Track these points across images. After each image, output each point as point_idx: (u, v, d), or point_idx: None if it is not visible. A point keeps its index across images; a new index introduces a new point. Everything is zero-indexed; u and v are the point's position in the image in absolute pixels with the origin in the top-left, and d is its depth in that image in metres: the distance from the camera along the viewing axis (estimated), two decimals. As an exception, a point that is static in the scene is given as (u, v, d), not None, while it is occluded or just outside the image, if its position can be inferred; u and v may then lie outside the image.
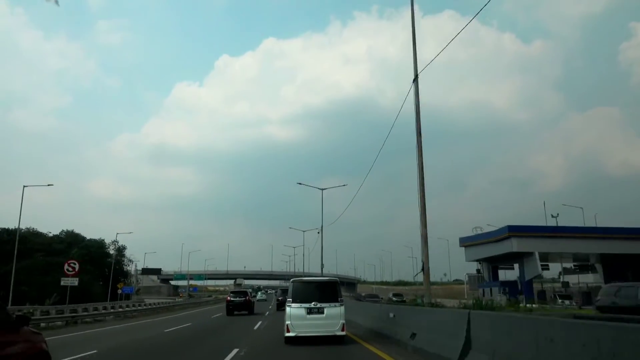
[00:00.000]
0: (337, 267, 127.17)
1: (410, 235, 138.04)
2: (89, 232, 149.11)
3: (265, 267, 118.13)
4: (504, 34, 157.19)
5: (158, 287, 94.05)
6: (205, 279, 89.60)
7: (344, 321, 12.59)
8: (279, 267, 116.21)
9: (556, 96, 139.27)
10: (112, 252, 69.07)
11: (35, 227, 59.00)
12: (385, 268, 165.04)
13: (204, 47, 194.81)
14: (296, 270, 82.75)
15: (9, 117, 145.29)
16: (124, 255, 69.58)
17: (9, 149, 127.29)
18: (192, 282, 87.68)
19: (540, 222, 53.23)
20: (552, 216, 55.54)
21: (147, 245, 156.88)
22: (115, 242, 69.27)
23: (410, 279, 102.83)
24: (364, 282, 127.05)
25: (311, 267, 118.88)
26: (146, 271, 70.74)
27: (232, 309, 29.19)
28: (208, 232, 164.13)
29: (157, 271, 72.91)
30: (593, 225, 51.91)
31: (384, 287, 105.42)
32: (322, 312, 12.55)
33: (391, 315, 13.77)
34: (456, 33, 14.10)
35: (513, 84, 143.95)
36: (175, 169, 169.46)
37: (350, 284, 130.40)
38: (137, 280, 74.88)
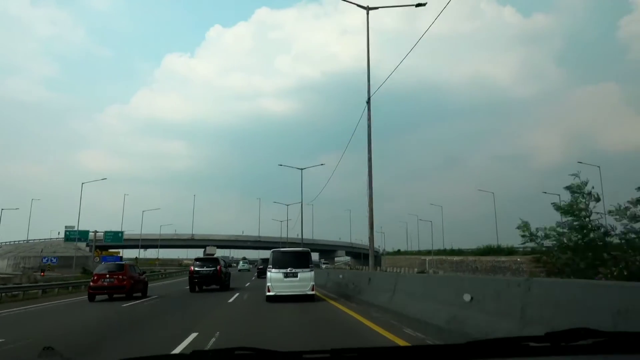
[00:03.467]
0: (350, 235, 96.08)
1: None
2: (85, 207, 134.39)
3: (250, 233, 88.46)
4: (505, 8, 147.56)
5: (85, 258, 58.97)
6: (128, 245, 55.33)
7: (313, 283, 15.42)
8: (268, 233, 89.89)
9: (557, 71, 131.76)
10: None
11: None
12: (422, 235, 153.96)
13: (195, 18, 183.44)
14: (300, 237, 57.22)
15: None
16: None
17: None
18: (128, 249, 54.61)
19: (539, 198, 45.64)
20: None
21: (133, 219, 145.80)
22: None
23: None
24: (401, 252, 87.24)
25: (315, 234, 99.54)
26: None
27: (197, 282, 22.89)
28: (201, 206, 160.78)
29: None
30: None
31: (449, 257, 62.74)
32: (296, 276, 15.30)
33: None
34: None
35: (514, 59, 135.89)
36: (168, 142, 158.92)
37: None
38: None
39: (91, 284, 18.34)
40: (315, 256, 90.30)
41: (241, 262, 68.16)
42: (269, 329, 9.74)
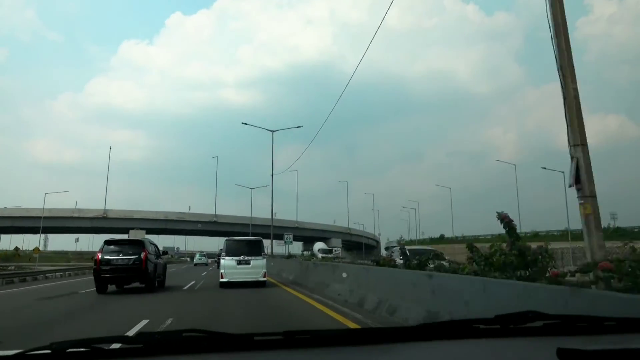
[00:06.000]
0: (348, 221, 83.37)
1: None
2: (27, 197, 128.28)
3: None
4: (468, 5, 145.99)
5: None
6: None
7: (265, 270, 16.13)
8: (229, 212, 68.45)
9: (516, 69, 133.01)
10: None
11: None
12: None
13: (154, 3, 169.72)
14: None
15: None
16: None
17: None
18: None
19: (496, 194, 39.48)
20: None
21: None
22: None
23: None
24: (448, 239, 66.61)
25: (300, 217, 77.51)
26: None
27: (108, 277, 14.54)
28: (156, 197, 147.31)
29: None
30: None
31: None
32: (249, 263, 15.89)
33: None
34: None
35: (475, 56, 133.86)
36: (124, 132, 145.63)
37: (371, 247, 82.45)
38: None
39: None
40: (298, 246, 70.60)
41: (198, 255, 59.90)
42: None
